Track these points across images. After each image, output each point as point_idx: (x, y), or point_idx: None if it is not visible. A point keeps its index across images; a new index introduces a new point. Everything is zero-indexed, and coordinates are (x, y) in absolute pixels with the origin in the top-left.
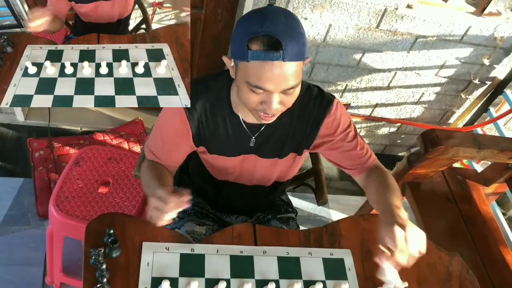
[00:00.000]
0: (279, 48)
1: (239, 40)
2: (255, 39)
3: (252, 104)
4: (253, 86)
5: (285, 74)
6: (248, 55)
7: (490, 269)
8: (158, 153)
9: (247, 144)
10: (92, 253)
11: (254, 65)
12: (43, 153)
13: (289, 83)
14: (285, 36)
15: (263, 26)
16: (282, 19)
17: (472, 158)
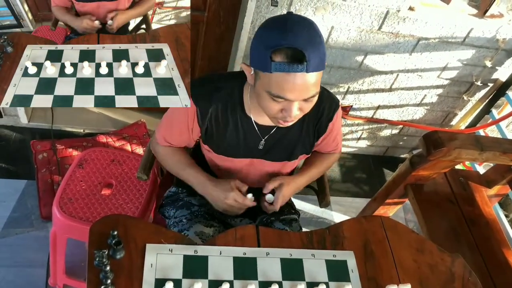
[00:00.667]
0: (303, 60)
1: (261, 50)
2: (279, 51)
3: (272, 111)
4: (275, 96)
5: (308, 84)
6: (271, 66)
7: (493, 271)
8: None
9: (256, 146)
10: (96, 255)
11: (277, 76)
12: (46, 155)
13: (310, 93)
14: (308, 47)
15: (286, 38)
16: (304, 30)
17: (474, 160)
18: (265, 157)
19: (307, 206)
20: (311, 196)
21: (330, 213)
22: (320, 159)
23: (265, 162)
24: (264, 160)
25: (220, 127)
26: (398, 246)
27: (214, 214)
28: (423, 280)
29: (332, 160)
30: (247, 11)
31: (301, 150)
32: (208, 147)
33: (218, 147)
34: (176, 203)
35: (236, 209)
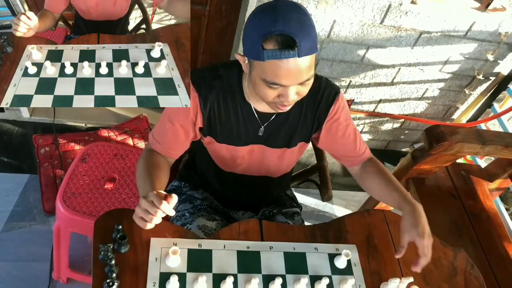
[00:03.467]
0: (294, 46)
1: (252, 39)
2: (269, 39)
3: (269, 98)
4: (270, 83)
5: (301, 68)
6: (263, 54)
7: (494, 264)
8: (163, 138)
9: (256, 133)
10: (101, 249)
11: (270, 64)
12: (49, 150)
13: (304, 76)
14: (299, 32)
15: (276, 25)
16: (294, 15)
17: (476, 153)
18: (265, 143)
19: (309, 199)
20: (312, 190)
21: (331, 206)
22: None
23: (266, 148)
24: (264, 146)
25: (221, 115)
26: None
27: (217, 208)
28: (426, 274)
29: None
30: (249, 5)
31: (300, 137)
32: (210, 138)
33: (219, 136)
34: (179, 197)
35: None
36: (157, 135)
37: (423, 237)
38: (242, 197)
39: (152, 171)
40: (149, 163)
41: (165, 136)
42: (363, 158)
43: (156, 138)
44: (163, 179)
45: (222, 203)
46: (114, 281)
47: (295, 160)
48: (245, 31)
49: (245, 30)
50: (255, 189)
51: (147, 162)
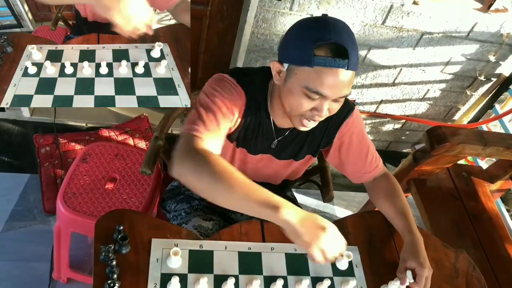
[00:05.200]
0: (346, 57)
1: (301, 45)
2: (322, 46)
3: (302, 109)
4: (313, 91)
5: (345, 82)
6: (313, 60)
7: (495, 265)
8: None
9: (269, 145)
10: (102, 250)
11: (318, 71)
12: (49, 149)
13: (344, 91)
14: (349, 44)
15: (330, 33)
16: (345, 30)
17: (477, 155)
18: (274, 154)
19: (309, 200)
20: (313, 191)
21: (332, 207)
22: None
23: (273, 159)
24: (272, 156)
25: (247, 122)
26: (402, 241)
27: (215, 208)
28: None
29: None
30: (251, 6)
31: (308, 150)
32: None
33: (240, 141)
34: (178, 196)
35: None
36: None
37: (425, 267)
38: None
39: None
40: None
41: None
42: (374, 173)
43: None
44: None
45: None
46: (115, 282)
47: (300, 172)
48: (290, 38)
49: (290, 37)
50: None
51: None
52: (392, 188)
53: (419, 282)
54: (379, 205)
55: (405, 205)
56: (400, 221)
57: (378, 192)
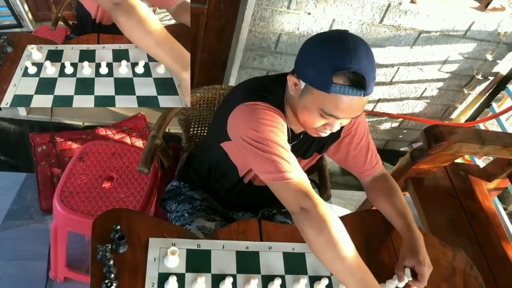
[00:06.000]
0: (364, 86)
1: (321, 69)
2: (342, 74)
3: (315, 125)
4: (327, 114)
5: (360, 106)
6: (331, 87)
7: (492, 264)
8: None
9: None
10: (99, 249)
11: (333, 97)
12: (46, 148)
13: (358, 113)
14: (369, 72)
15: (351, 62)
16: (364, 53)
17: (475, 153)
18: None
19: None
20: None
21: (329, 206)
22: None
23: None
24: None
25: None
26: (400, 240)
27: (216, 208)
28: None
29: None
30: (248, 4)
31: (315, 148)
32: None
33: None
34: (178, 197)
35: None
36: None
37: (424, 265)
38: (244, 200)
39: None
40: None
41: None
42: (373, 171)
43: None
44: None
45: (221, 204)
46: (112, 282)
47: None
48: (311, 58)
49: (311, 57)
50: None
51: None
52: (391, 188)
53: (421, 280)
54: (378, 205)
55: (405, 205)
56: (399, 220)
57: (377, 192)
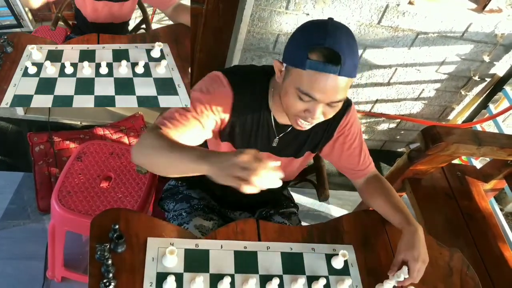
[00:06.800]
0: (338, 63)
1: (298, 47)
2: (316, 50)
3: (295, 110)
4: (303, 93)
5: (337, 87)
6: (306, 63)
7: (489, 264)
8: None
9: (270, 143)
10: (97, 249)
11: (309, 74)
12: (43, 148)
13: (337, 97)
14: (345, 51)
15: (326, 38)
16: (344, 36)
17: (472, 154)
18: (274, 152)
19: (304, 199)
20: (308, 190)
21: (327, 206)
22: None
23: (274, 156)
24: (272, 154)
25: (246, 120)
26: (397, 240)
27: (214, 207)
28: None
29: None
30: (247, 4)
31: (308, 147)
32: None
33: (237, 142)
34: (176, 196)
35: (247, 172)
36: (170, 118)
37: (417, 261)
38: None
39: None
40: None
41: (182, 124)
42: (366, 172)
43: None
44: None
45: (219, 203)
46: (110, 281)
47: (298, 169)
48: (292, 39)
49: (292, 38)
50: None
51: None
52: (385, 186)
53: (410, 276)
54: (373, 204)
55: (400, 201)
56: (397, 215)
57: (371, 191)
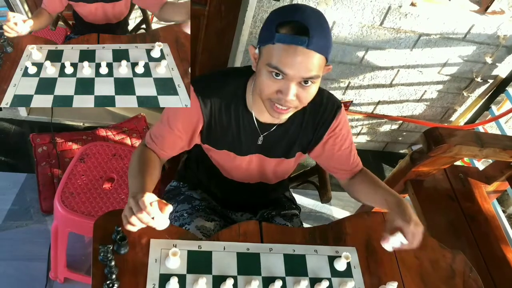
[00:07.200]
0: (306, 35)
1: (268, 25)
2: (285, 24)
3: (268, 91)
4: (273, 67)
5: (307, 62)
6: (275, 37)
7: (492, 266)
8: (159, 140)
9: (255, 142)
10: (100, 250)
11: (278, 47)
12: (46, 149)
13: (308, 73)
14: (314, 26)
15: (295, 14)
16: (314, 15)
17: (474, 156)
18: (263, 152)
19: (306, 200)
20: (310, 191)
21: (329, 207)
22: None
23: (263, 158)
24: (262, 155)
25: (223, 122)
26: None
27: (216, 208)
28: (425, 276)
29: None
30: (249, 6)
31: (298, 148)
32: (209, 146)
33: (219, 144)
34: (177, 197)
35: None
36: (154, 136)
37: (409, 223)
38: (239, 200)
39: (144, 168)
40: (141, 159)
41: (162, 138)
42: (355, 171)
43: (153, 138)
44: (154, 176)
45: (220, 204)
46: (113, 283)
47: (292, 168)
48: (265, 21)
49: (265, 21)
50: (252, 193)
51: (139, 158)
52: (370, 174)
53: (410, 240)
54: (356, 189)
55: (383, 182)
56: (379, 191)
57: (359, 182)
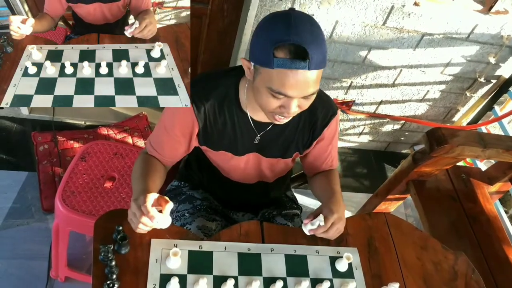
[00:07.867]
0: (306, 58)
1: (263, 46)
2: (281, 47)
3: (271, 107)
4: (276, 92)
5: (308, 81)
6: (273, 62)
7: (493, 267)
8: (159, 146)
9: (252, 141)
10: (101, 250)
11: (278, 73)
12: (48, 147)
13: (310, 90)
14: (311, 45)
15: (289, 34)
16: (308, 27)
17: (477, 157)
18: (260, 152)
19: (307, 200)
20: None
21: None
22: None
23: (260, 157)
24: (259, 155)
25: (218, 123)
26: (402, 243)
27: (217, 208)
28: (427, 278)
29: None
30: (251, 5)
31: (295, 148)
32: (206, 147)
33: (216, 145)
34: (179, 197)
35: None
36: (154, 143)
37: (333, 213)
38: (240, 200)
39: (147, 172)
40: (145, 164)
41: (162, 145)
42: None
43: (153, 146)
44: (157, 177)
45: (222, 204)
46: (114, 282)
47: (289, 167)
48: (255, 36)
49: (255, 36)
50: (252, 193)
51: (143, 163)
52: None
53: (325, 225)
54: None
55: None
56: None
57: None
